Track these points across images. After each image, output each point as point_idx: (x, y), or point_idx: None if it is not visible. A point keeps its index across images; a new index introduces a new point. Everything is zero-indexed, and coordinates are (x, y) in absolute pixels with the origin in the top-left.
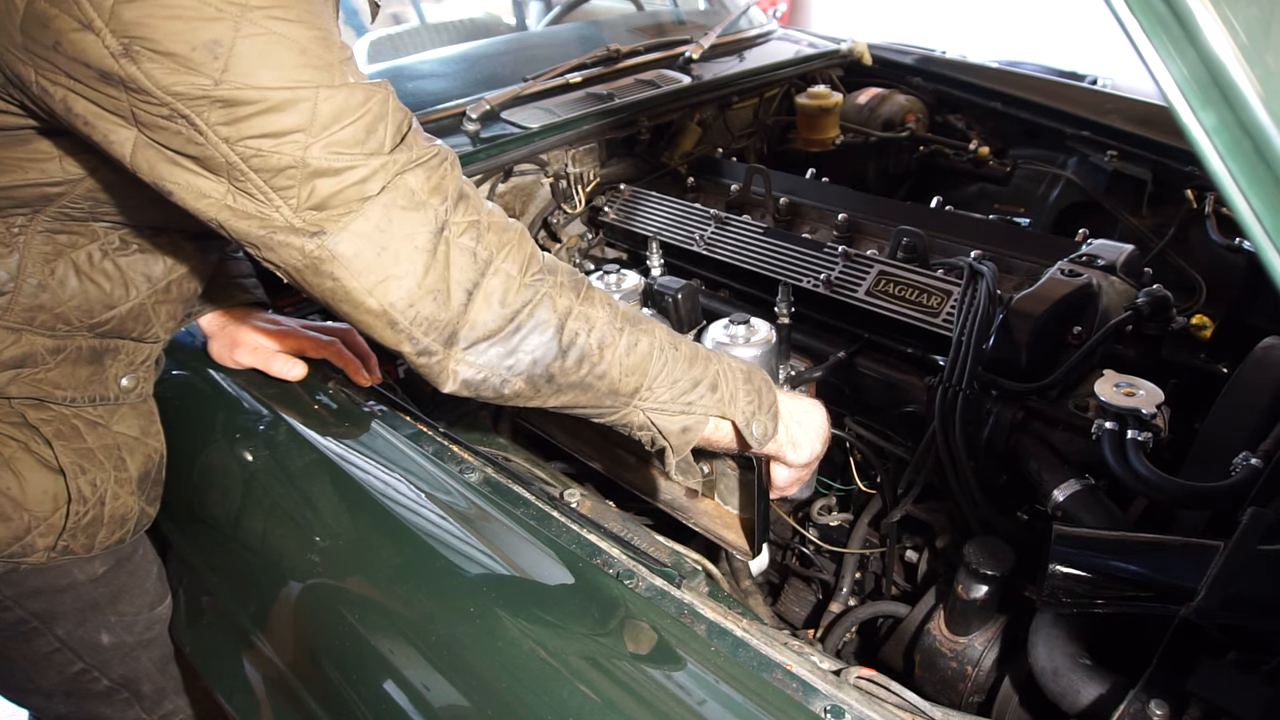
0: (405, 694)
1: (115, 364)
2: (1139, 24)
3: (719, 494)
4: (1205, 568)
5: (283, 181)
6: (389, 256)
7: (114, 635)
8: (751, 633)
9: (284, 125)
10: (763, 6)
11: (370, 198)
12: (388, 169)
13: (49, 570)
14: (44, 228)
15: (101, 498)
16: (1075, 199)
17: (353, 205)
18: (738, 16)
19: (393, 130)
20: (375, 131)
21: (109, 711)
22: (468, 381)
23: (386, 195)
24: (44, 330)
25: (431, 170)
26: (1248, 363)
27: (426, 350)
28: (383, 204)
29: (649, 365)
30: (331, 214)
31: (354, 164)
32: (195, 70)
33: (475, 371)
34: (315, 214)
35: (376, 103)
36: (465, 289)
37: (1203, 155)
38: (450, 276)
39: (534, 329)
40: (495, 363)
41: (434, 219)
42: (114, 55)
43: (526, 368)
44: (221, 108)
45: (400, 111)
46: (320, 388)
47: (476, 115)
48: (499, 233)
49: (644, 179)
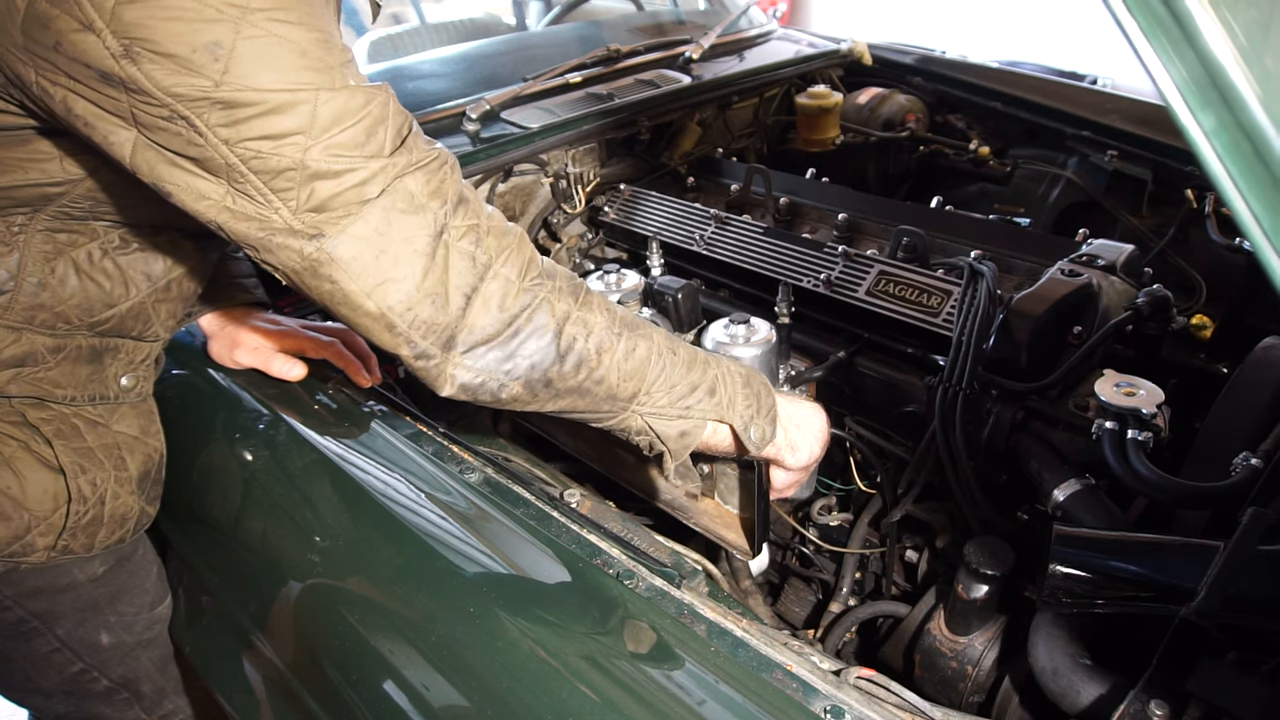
0: (405, 694)
1: (115, 363)
2: (1138, 26)
3: (719, 494)
4: (1205, 568)
5: (282, 184)
6: (388, 260)
7: (114, 635)
8: (751, 633)
9: (284, 127)
10: (763, 6)
11: (369, 201)
12: (387, 172)
13: (49, 570)
14: (44, 226)
15: (101, 497)
16: (1075, 199)
17: (352, 208)
18: (738, 16)
19: (393, 133)
20: (375, 134)
21: (109, 711)
22: (465, 385)
23: (386, 198)
24: (44, 329)
25: (431, 174)
26: (1248, 363)
27: (424, 354)
28: (382, 207)
29: (647, 370)
30: (331, 216)
31: (353, 166)
32: (195, 72)
33: (473, 376)
34: (314, 216)
35: (377, 105)
36: (464, 293)
37: (1202, 157)
38: (449, 280)
39: (532, 334)
40: (493, 367)
41: (433, 222)
42: (114, 56)
43: (524, 372)
44: (221, 109)
45: (400, 114)
46: (320, 388)
47: (476, 115)
48: (498, 237)
49: (644, 179)
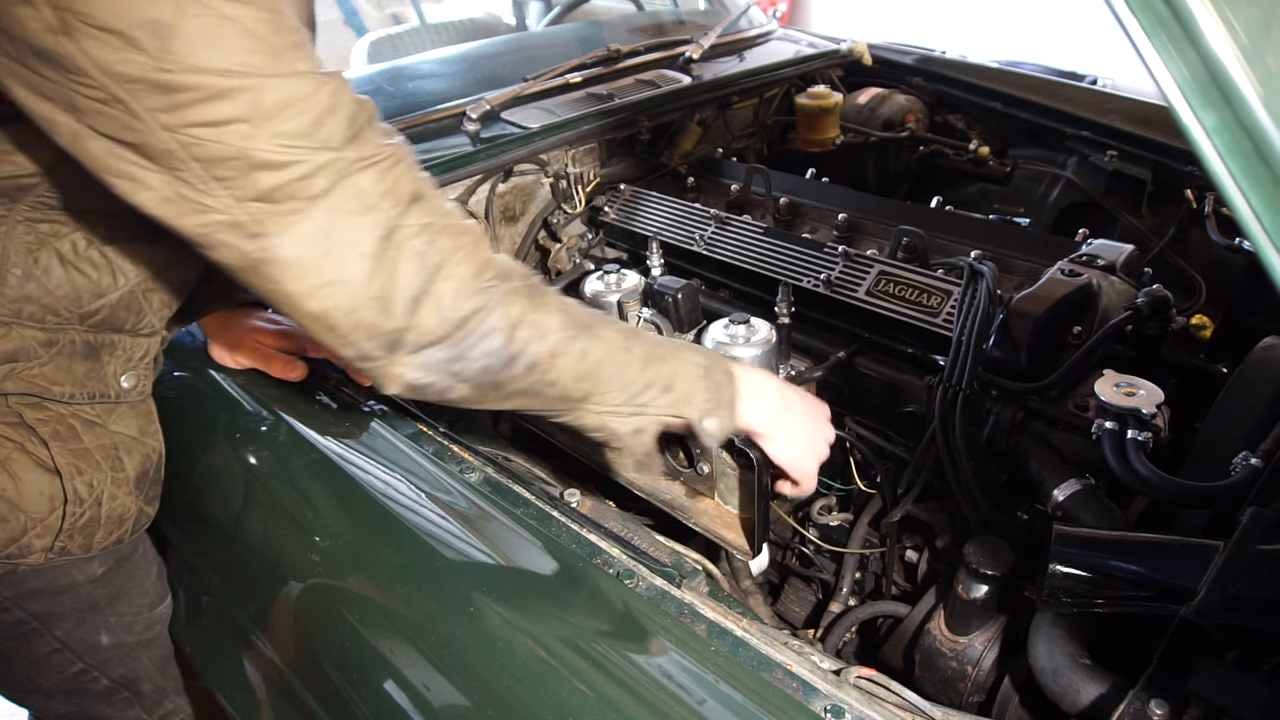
0: (405, 694)
1: (113, 360)
2: (1139, 24)
3: (719, 494)
4: (1205, 568)
5: (224, 172)
6: (332, 261)
7: (114, 635)
8: (751, 632)
9: (226, 114)
10: (763, 6)
11: (316, 197)
12: (335, 166)
13: (48, 571)
14: (24, 217)
15: (98, 498)
16: (1075, 199)
17: (298, 204)
18: (738, 16)
19: (344, 124)
20: (323, 124)
21: (109, 711)
22: (411, 384)
23: (333, 196)
24: (34, 322)
25: (385, 171)
26: (1248, 363)
27: (367, 355)
28: (329, 206)
29: (601, 372)
30: (275, 210)
31: (298, 159)
32: (135, 48)
33: (419, 375)
34: (258, 207)
35: (326, 94)
36: (411, 295)
37: (1203, 155)
38: (396, 283)
39: (483, 336)
40: (441, 368)
41: (383, 222)
42: (51, 30)
43: (474, 375)
44: (161, 93)
45: (354, 103)
46: (320, 388)
47: (476, 115)
48: (454, 236)
49: (644, 179)
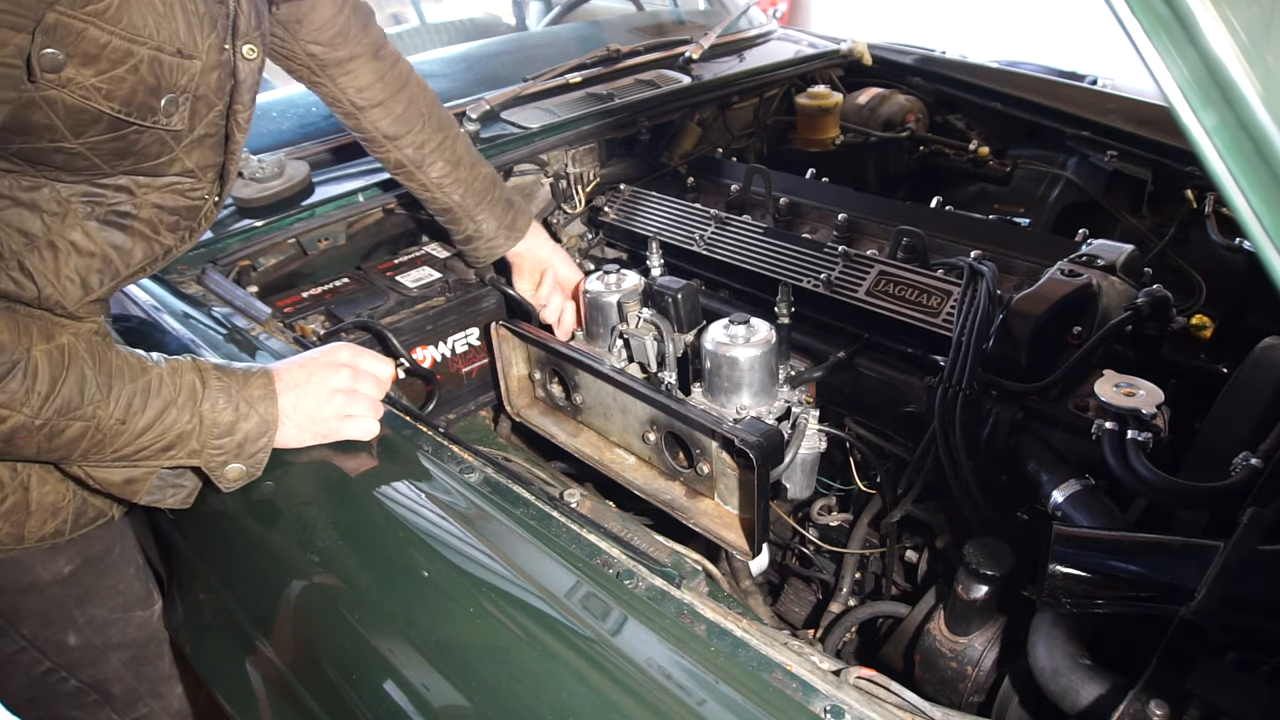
0: (405, 694)
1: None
2: (1139, 24)
3: (719, 494)
4: (1205, 568)
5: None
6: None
7: (81, 636)
8: (751, 633)
9: None
10: (763, 6)
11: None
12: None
13: (8, 566)
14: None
15: (23, 483)
16: (1075, 199)
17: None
18: (738, 16)
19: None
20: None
21: (78, 714)
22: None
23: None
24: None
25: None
26: (1247, 363)
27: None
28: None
29: (75, 449)
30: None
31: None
32: None
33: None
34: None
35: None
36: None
37: (1203, 155)
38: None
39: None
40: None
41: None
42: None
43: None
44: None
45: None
46: None
47: (476, 115)
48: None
49: (644, 179)
